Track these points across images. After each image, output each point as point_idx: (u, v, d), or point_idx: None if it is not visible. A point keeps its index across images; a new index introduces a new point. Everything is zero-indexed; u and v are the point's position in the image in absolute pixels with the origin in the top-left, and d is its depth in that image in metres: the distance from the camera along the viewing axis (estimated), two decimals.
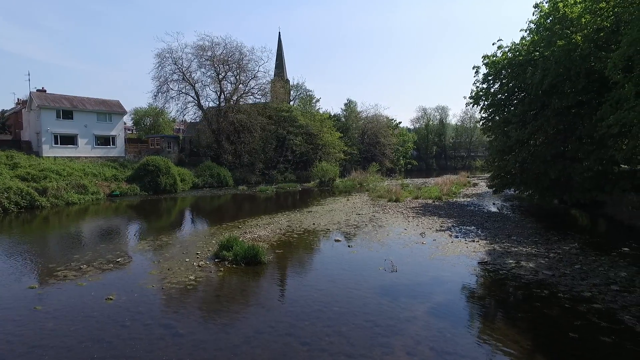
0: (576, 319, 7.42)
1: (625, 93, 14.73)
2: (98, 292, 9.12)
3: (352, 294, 8.99)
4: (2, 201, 22.30)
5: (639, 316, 7.45)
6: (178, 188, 35.35)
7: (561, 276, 9.96)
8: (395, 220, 19.00)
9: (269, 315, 7.92)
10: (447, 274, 10.49)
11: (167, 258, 12.05)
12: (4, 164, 27.73)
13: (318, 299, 8.74)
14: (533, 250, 12.80)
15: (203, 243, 14.05)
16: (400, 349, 6.41)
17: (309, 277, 10.64)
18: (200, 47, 45.65)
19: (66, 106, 37.41)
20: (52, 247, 14.77)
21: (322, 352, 6.29)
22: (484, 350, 6.47)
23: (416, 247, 13.44)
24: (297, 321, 7.51)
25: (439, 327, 7.18)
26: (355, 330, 7.07)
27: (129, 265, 11.50)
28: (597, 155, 18.51)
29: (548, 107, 20.89)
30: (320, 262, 12.25)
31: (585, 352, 6.28)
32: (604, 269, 10.47)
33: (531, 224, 18.06)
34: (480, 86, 26.80)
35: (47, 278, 10.20)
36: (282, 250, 13.10)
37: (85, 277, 10.23)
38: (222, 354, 6.33)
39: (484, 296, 9.15)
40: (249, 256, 11.22)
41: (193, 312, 8.16)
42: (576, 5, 18.38)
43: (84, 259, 12.09)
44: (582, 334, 6.82)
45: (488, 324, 7.63)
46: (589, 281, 9.53)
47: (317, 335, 6.89)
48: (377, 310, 8.03)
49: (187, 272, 10.50)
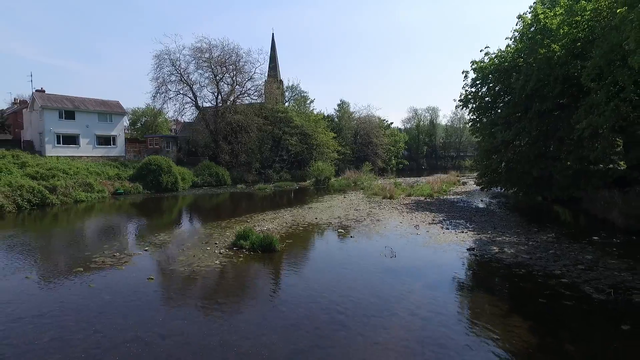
0: (546, 290, 9.00)
1: (597, 99, 16.49)
2: (138, 274, 10.46)
3: (358, 274, 10.47)
4: (16, 199, 23.31)
5: (596, 287, 9.06)
6: (179, 187, 36.49)
7: (537, 259, 11.58)
8: (390, 215, 20.54)
9: (292, 290, 9.37)
10: (439, 258, 12.04)
11: (189, 247, 13.39)
12: (13, 163, 28.62)
13: (330, 278, 10.21)
14: (515, 239, 14.43)
15: (218, 235, 15.40)
16: (403, 311, 7.90)
17: (319, 262, 12.11)
18: (198, 49, 46.82)
19: (68, 107, 38.29)
20: (80, 239, 15.95)
21: (340, 314, 7.74)
22: (469, 311, 8.02)
23: (411, 237, 14.99)
24: (317, 295, 8.94)
25: (434, 296, 8.70)
26: (365, 300, 8.54)
27: (155, 253, 12.81)
28: (575, 155, 20.29)
29: (531, 110, 22.62)
30: (327, 250, 13.73)
31: (550, 313, 7.83)
32: (574, 254, 12.12)
33: (515, 218, 19.77)
34: (469, 90, 28.55)
35: (88, 264, 11.47)
36: (291, 240, 14.52)
37: (121, 263, 11.54)
38: (263, 315, 7.75)
39: (471, 274, 10.71)
40: (264, 244, 12.62)
41: (226, 287, 9.57)
42: (555, 17, 20.11)
43: (113, 248, 13.37)
44: (549, 300, 8.40)
45: (473, 293, 9.18)
46: (560, 262, 11.16)
47: (335, 303, 8.34)
48: (382, 285, 9.52)
49: (212, 258, 11.87)
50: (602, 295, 8.59)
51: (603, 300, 8.33)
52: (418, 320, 7.52)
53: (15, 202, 23.20)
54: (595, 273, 10.10)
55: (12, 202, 22.95)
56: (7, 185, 24.09)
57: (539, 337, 6.80)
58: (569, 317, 7.58)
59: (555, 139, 22.49)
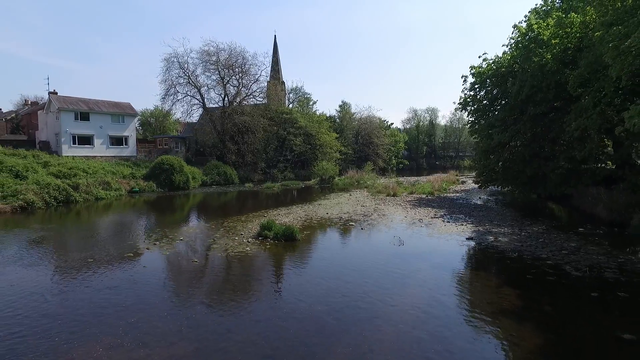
0: (533, 269, 10.66)
1: (584, 104, 18.15)
2: (182, 258, 12.11)
3: (373, 258, 12.13)
4: (44, 196, 24.87)
5: (575, 267, 10.72)
6: (190, 185, 38.09)
7: (527, 246, 13.24)
8: (395, 210, 22.19)
9: (318, 269, 11.01)
10: (441, 246, 13.70)
11: (219, 237, 15.01)
12: (36, 163, 30.18)
13: (349, 261, 11.87)
14: (509, 230, 16.10)
15: (241, 227, 17.03)
16: (413, 285, 9.55)
17: (336, 249, 13.77)
18: (205, 52, 48.40)
19: (83, 108, 39.87)
20: (117, 231, 17.54)
21: (363, 286, 9.38)
22: (467, 284, 9.68)
23: (416, 229, 16.64)
24: (339, 273, 10.59)
25: (438, 274, 10.36)
26: (380, 278, 10.16)
27: (191, 242, 14.43)
28: (566, 155, 21.95)
29: (525, 114, 24.26)
30: (341, 239, 15.38)
31: (534, 285, 9.48)
32: (560, 242, 13.78)
33: (510, 213, 21.45)
34: (467, 93, 30.18)
35: (135, 250, 13.11)
36: (308, 232, 16.16)
37: (164, 249, 13.17)
38: (300, 285, 9.39)
39: (469, 258, 12.36)
40: (287, 234, 14.27)
41: (261, 267, 11.21)
42: (547, 29, 21.75)
43: (151, 238, 15.01)
44: (535, 276, 10.06)
45: (471, 272, 10.85)
46: (547, 249, 12.82)
47: (356, 281, 9.97)
48: (393, 266, 11.17)
49: (242, 246, 13.50)
50: (579, 272, 10.26)
51: (580, 276, 10.00)
52: (425, 290, 9.17)
53: (44, 199, 24.76)
54: (576, 257, 11.77)
55: (41, 199, 24.51)
56: (35, 183, 25.67)
57: (523, 301, 8.47)
58: (550, 288, 9.24)
59: (548, 140, 24.13)
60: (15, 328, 7.22)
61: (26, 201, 23.40)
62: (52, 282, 9.96)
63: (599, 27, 14.83)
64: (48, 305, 8.35)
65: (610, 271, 10.31)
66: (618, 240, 14.25)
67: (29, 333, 7.00)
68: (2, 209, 22.12)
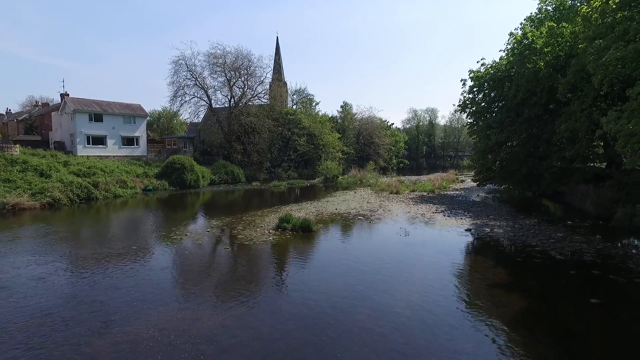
0: (523, 253, 12.29)
1: (573, 108, 19.78)
2: (214, 246, 13.71)
3: (382, 245, 13.75)
4: (68, 193, 26.44)
5: (560, 252, 12.35)
6: (200, 184, 39.67)
7: (520, 236, 14.88)
8: (399, 206, 23.81)
9: (336, 254, 12.61)
10: (443, 236, 15.32)
11: (242, 229, 16.60)
12: (57, 162, 31.72)
13: (361, 249, 13.49)
14: (504, 223, 17.73)
15: (259, 221, 18.62)
16: (419, 268, 11.18)
17: (349, 239, 15.40)
18: (212, 55, 49.97)
19: (97, 110, 41.41)
20: (147, 224, 19.12)
21: (379, 267, 11.00)
22: (466, 265, 11.30)
23: (419, 222, 18.26)
24: (355, 259, 12.20)
25: (441, 258, 11.99)
26: (391, 260, 11.79)
27: (217, 234, 16.02)
28: (558, 155, 23.59)
29: (521, 115, 25.91)
30: (353, 230, 16.99)
31: (523, 266, 11.10)
32: (549, 232, 15.42)
33: (506, 208, 23.08)
34: (466, 96, 31.83)
35: (172, 238, 14.72)
36: (321, 224, 17.75)
37: (196, 238, 14.77)
38: (323, 266, 11.00)
39: (467, 245, 13.96)
40: (304, 226, 15.87)
41: (285, 253, 12.82)
42: (540, 37, 23.39)
43: (182, 229, 16.61)
44: (524, 259, 11.69)
45: (469, 256, 12.48)
46: (537, 238, 14.46)
47: (369, 263, 11.58)
48: (401, 252, 12.80)
49: (264, 237, 15.10)
50: (562, 256, 11.90)
51: (562, 259, 11.63)
52: (430, 269, 10.81)
53: (68, 196, 26.31)
54: (562, 244, 13.41)
55: (66, 196, 26.07)
56: (59, 181, 27.24)
57: (512, 277, 10.11)
58: (536, 268, 10.87)
59: (542, 141, 25.76)
60: (99, 297, 8.82)
61: (53, 198, 24.96)
62: (120, 263, 11.54)
63: (583, 40, 16.46)
64: (124, 277, 9.94)
65: (589, 255, 11.95)
66: (601, 232, 15.87)
67: (114, 297, 8.61)
68: (32, 205, 23.69)
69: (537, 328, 7.32)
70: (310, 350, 6.45)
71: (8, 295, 8.98)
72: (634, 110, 11.30)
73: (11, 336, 6.97)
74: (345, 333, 7.01)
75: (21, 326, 7.36)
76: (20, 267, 11.15)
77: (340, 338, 6.81)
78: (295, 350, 6.44)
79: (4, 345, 6.63)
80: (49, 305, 8.38)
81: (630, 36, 12.54)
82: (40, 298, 8.77)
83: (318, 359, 6.19)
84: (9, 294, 9.02)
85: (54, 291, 9.21)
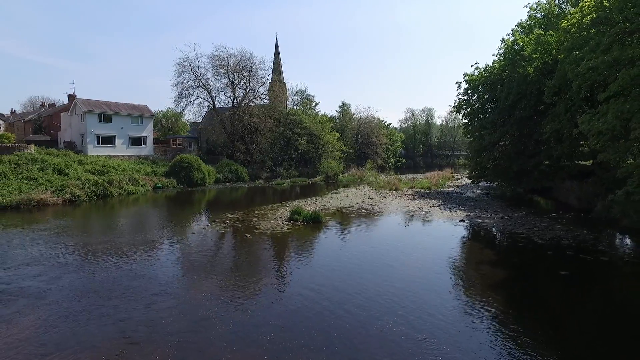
0: (509, 239, 14.08)
1: (558, 110, 21.59)
2: (237, 234, 15.41)
3: (385, 234, 15.50)
4: (86, 190, 28.02)
5: (541, 237, 14.16)
6: (207, 182, 41.29)
7: (507, 225, 16.68)
8: (399, 201, 25.58)
9: (344, 241, 14.36)
10: (440, 226, 17.10)
11: (257, 221, 18.29)
12: (72, 161, 33.25)
13: (367, 237, 15.26)
14: (495, 215, 19.52)
15: (271, 214, 20.31)
16: (420, 249, 12.96)
17: (355, 229, 17.15)
18: (216, 57, 51.54)
19: (106, 111, 42.93)
20: (168, 217, 20.77)
21: (383, 252, 12.73)
22: (460, 249, 13.08)
23: (418, 215, 20.03)
24: (363, 244, 13.94)
25: (439, 245, 13.77)
26: (394, 246, 13.53)
27: (236, 224, 17.69)
28: (545, 153, 25.41)
29: (512, 117, 27.71)
30: (358, 222, 18.72)
31: (508, 248, 12.87)
32: (534, 222, 17.24)
33: (498, 203, 24.92)
34: (461, 98, 33.62)
35: (199, 228, 16.41)
36: (329, 217, 19.46)
37: (219, 228, 16.47)
38: (335, 252, 12.72)
39: (461, 233, 15.74)
40: (314, 218, 17.59)
41: (299, 241, 14.54)
42: (529, 44, 25.21)
43: (201, 222, 18.27)
44: (509, 243, 13.49)
45: (462, 242, 14.26)
46: (522, 227, 16.26)
47: (378, 248, 13.33)
48: (402, 239, 14.55)
49: (279, 227, 16.80)
50: (543, 241, 13.69)
51: (543, 243, 13.42)
52: (429, 253, 12.58)
53: (86, 193, 27.89)
54: (544, 232, 15.22)
55: (84, 193, 27.64)
56: (77, 179, 28.82)
57: (498, 257, 11.90)
58: (519, 250, 12.65)
59: (532, 140, 27.57)
60: (134, 281, 10.50)
61: (73, 195, 26.55)
62: (159, 246, 13.21)
63: (563, 50, 18.28)
64: (166, 257, 11.62)
65: (565, 240, 13.75)
66: (581, 222, 17.69)
67: (157, 274, 10.29)
68: (55, 201, 25.26)
69: (514, 292, 9.08)
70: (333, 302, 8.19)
71: (62, 271, 10.65)
72: (604, 113, 13.06)
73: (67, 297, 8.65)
74: (362, 300, 8.75)
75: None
76: (68, 248, 12.82)
77: (363, 305, 8.56)
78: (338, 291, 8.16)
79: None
80: (102, 279, 10.07)
81: (602, 48, 14.28)
82: (87, 272, 10.46)
83: (343, 316, 7.91)
84: (64, 271, 10.70)
85: (107, 269, 10.89)
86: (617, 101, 12.84)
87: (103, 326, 7.34)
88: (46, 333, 7.09)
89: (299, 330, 7.12)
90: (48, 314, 7.89)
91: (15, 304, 8.44)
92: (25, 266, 11.19)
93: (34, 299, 8.72)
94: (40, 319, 7.71)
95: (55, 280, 9.93)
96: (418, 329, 7.08)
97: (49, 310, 8.10)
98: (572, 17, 17.14)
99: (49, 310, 8.10)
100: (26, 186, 26.00)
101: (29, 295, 8.99)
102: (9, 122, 58.58)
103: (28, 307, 8.28)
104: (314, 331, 7.04)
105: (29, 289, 9.37)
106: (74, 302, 8.52)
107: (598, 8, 14.91)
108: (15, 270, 10.83)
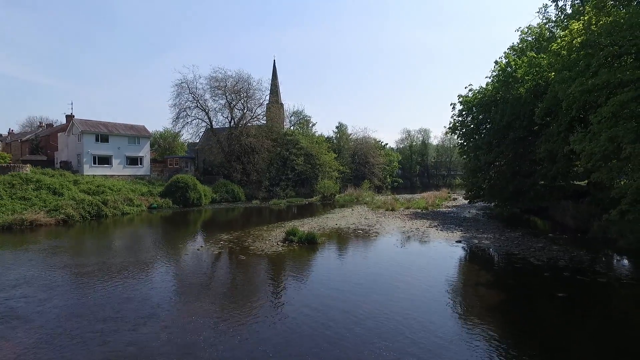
0: (505, 260, 13.95)
1: (551, 131, 21.81)
2: (232, 255, 15.20)
3: (381, 255, 15.34)
4: (80, 210, 27.77)
5: (538, 258, 14.02)
6: (203, 202, 41.08)
7: (504, 246, 16.56)
8: (395, 222, 25.45)
9: (341, 262, 14.17)
10: (436, 246, 16.96)
11: (252, 242, 18.09)
12: (67, 181, 33.10)
13: (363, 258, 15.09)
14: (491, 236, 19.41)
15: (266, 235, 20.12)
16: (415, 270, 12.78)
17: (352, 250, 16.97)
18: (214, 79, 52.21)
19: (103, 131, 43.09)
20: (162, 238, 20.53)
21: (377, 272, 12.56)
22: (456, 269, 12.92)
23: (415, 235, 19.89)
24: (359, 263, 13.75)
25: (435, 263, 13.64)
26: (390, 266, 13.36)
27: (231, 245, 17.48)
28: (540, 173, 25.52)
29: (507, 137, 27.96)
30: (354, 243, 18.55)
31: (504, 269, 12.72)
32: (530, 243, 17.13)
33: (494, 223, 24.82)
34: (456, 118, 33.98)
35: (188, 250, 16.18)
36: (325, 237, 19.30)
37: (213, 249, 16.25)
38: (328, 272, 12.53)
39: (457, 254, 15.59)
40: (309, 238, 17.42)
41: (294, 262, 14.35)
42: (521, 67, 25.71)
43: (195, 242, 18.06)
44: (505, 264, 13.35)
45: (459, 262, 14.11)
46: (519, 247, 16.14)
47: (372, 268, 13.16)
48: (399, 260, 14.38)
49: (274, 247, 16.61)
50: (539, 262, 13.56)
51: (539, 264, 13.29)
52: (424, 272, 12.41)
53: (80, 213, 27.64)
54: (540, 252, 15.10)
55: (78, 213, 27.39)
56: (72, 199, 28.61)
57: (494, 278, 11.73)
58: (515, 271, 12.51)
59: (527, 160, 27.75)
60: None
61: (67, 215, 26.28)
62: (152, 268, 12.98)
63: (554, 71, 18.62)
64: (158, 279, 11.40)
65: (562, 261, 13.63)
66: (578, 243, 17.60)
67: (157, 294, 10.08)
68: (48, 221, 24.99)
69: (512, 314, 8.91)
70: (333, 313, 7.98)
71: (51, 293, 10.41)
72: (595, 133, 13.18)
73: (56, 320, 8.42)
74: (361, 315, 8.56)
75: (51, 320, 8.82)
76: (58, 269, 12.57)
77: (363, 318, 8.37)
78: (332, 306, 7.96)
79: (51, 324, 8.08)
80: (85, 302, 9.84)
81: (592, 70, 14.56)
82: (77, 295, 10.22)
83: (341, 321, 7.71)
84: (53, 294, 10.45)
85: (94, 289, 10.66)
86: (609, 122, 12.98)
87: (87, 351, 7.10)
88: (25, 359, 6.85)
89: (291, 356, 6.92)
90: (31, 338, 7.65)
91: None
92: (12, 288, 10.94)
93: (18, 322, 8.48)
94: (22, 343, 7.46)
95: (43, 303, 9.69)
96: (411, 353, 6.89)
97: (33, 333, 7.86)
98: (562, 40, 17.53)
99: (32, 333, 7.86)
100: (20, 206, 25.77)
101: (15, 318, 8.75)
102: (7, 142, 58.59)
103: (10, 330, 8.04)
104: (306, 358, 6.84)
105: (16, 311, 9.13)
106: (60, 325, 8.29)
107: (586, 31, 15.26)
108: (1, 292, 10.58)
